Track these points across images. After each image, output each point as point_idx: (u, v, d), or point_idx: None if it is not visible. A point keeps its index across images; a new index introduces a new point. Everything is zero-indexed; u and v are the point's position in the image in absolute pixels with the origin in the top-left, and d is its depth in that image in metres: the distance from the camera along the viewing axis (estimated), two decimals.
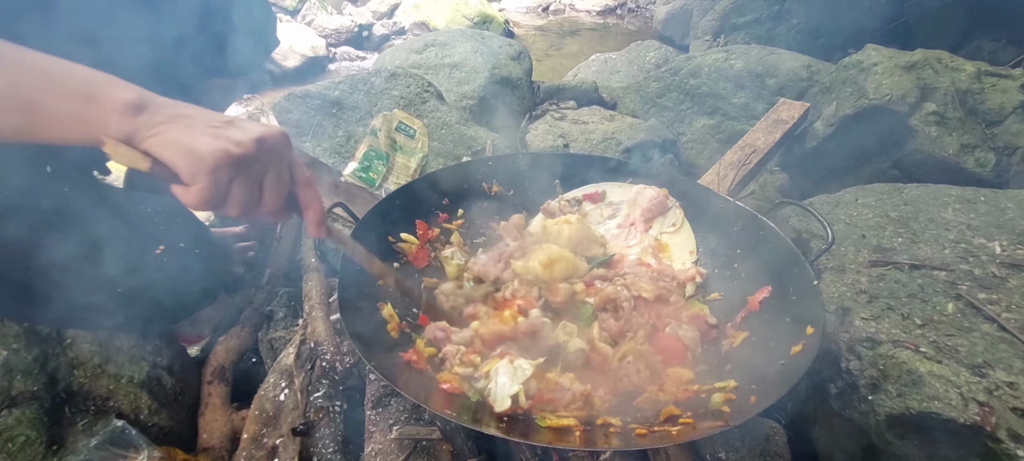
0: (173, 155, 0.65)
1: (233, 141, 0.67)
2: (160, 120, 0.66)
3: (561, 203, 1.46)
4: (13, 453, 1.02)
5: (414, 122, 1.89)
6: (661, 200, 1.41)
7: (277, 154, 0.72)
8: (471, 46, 2.55)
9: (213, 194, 0.67)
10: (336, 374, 1.18)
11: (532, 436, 0.90)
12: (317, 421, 1.12)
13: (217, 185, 0.66)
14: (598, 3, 5.63)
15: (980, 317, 1.15)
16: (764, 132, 2.03)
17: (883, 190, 1.58)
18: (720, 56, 2.61)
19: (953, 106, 1.96)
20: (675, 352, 1.10)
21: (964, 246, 1.33)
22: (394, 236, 1.30)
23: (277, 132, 0.73)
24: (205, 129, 0.67)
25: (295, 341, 1.29)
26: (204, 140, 0.65)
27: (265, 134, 0.70)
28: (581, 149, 2.17)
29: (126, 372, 1.19)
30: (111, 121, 0.65)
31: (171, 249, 1.21)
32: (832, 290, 1.28)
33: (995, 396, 1.00)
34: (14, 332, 1.12)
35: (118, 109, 0.66)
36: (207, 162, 0.65)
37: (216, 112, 0.71)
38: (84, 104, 0.66)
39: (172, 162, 0.66)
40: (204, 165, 0.65)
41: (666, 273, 1.29)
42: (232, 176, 0.68)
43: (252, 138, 0.68)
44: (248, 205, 0.71)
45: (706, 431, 0.89)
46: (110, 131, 0.66)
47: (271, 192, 0.72)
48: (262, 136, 0.70)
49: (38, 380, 1.09)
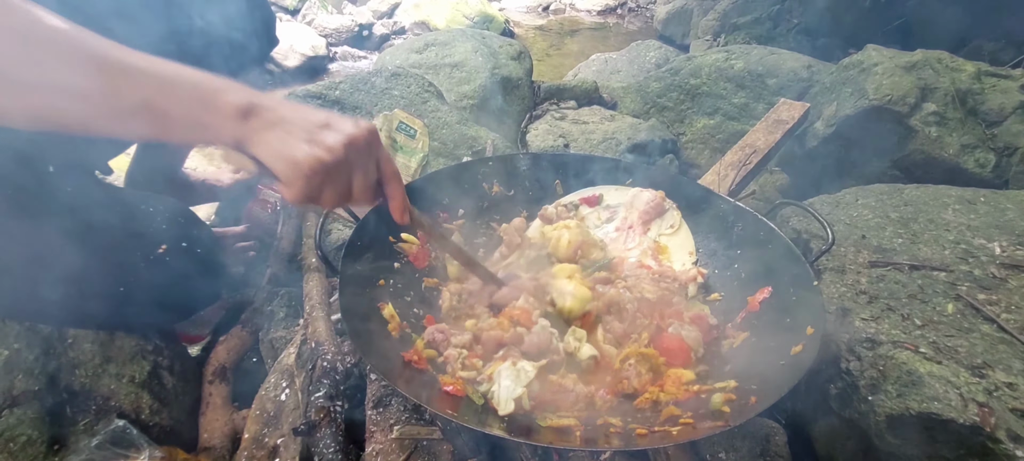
0: (274, 162, 0.73)
1: (326, 147, 0.73)
2: (263, 125, 0.72)
3: (558, 208, 1.46)
4: (14, 453, 1.02)
5: (414, 122, 1.89)
6: (658, 202, 1.42)
7: (366, 152, 0.79)
8: (471, 46, 2.55)
9: (308, 194, 0.75)
10: (337, 374, 1.18)
11: (533, 436, 0.90)
12: (318, 421, 1.12)
13: (310, 187, 0.74)
14: (598, 3, 5.63)
15: (980, 318, 1.15)
16: (764, 132, 2.03)
17: (883, 190, 1.58)
18: (720, 56, 2.61)
19: (953, 106, 1.96)
20: (678, 353, 1.11)
21: (964, 247, 1.33)
22: (395, 236, 1.30)
23: (365, 132, 0.78)
24: (302, 134, 0.73)
25: (296, 341, 1.29)
26: (300, 147, 0.72)
27: (355, 136, 0.76)
28: (581, 149, 2.17)
29: (127, 372, 1.20)
30: (225, 127, 0.72)
31: (172, 249, 1.21)
32: (832, 291, 1.28)
33: (995, 397, 1.00)
34: (15, 331, 1.12)
35: (230, 115, 0.72)
36: (302, 169, 0.72)
37: (315, 112, 0.76)
38: (202, 110, 0.71)
39: (274, 168, 0.73)
40: (299, 171, 0.73)
41: (667, 274, 1.29)
42: (324, 179, 0.75)
43: (343, 143, 0.75)
44: (340, 199, 0.79)
45: (706, 431, 0.89)
46: (224, 137, 0.72)
47: (359, 187, 0.80)
48: (352, 139, 0.76)
49: (39, 380, 1.10)
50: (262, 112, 0.73)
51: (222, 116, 0.72)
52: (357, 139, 0.77)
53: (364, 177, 0.80)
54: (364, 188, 0.81)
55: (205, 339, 1.47)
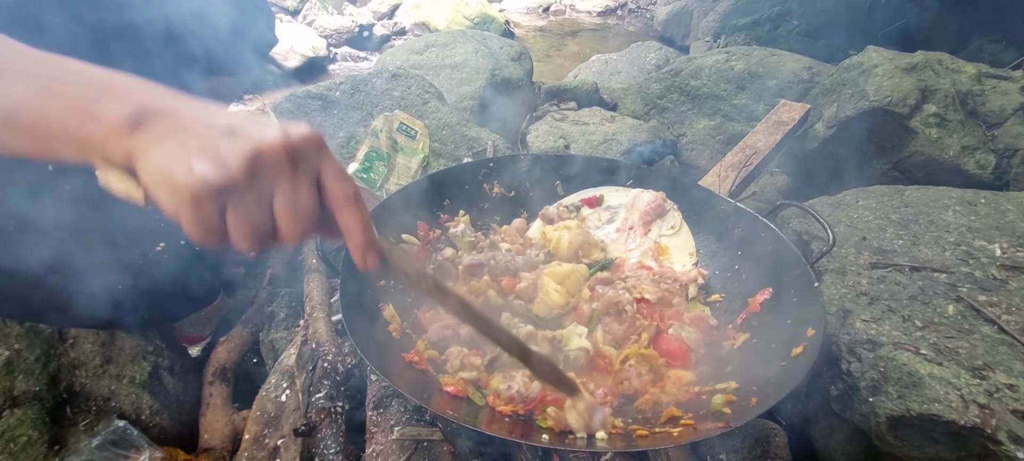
0: (153, 187, 0.52)
1: (219, 162, 0.51)
2: (154, 137, 0.53)
3: (559, 209, 1.46)
4: (15, 453, 1.02)
5: (415, 123, 1.89)
6: (659, 203, 1.42)
7: (290, 169, 0.55)
8: (472, 47, 2.55)
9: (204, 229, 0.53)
10: (338, 375, 1.18)
11: (533, 436, 0.90)
12: (318, 422, 1.12)
13: (201, 220, 0.52)
14: (599, 4, 5.63)
15: (980, 319, 1.15)
16: (765, 134, 2.03)
17: (884, 192, 1.58)
18: (721, 57, 2.61)
19: (954, 108, 1.96)
20: (679, 354, 1.11)
21: (965, 248, 1.33)
22: (395, 237, 1.30)
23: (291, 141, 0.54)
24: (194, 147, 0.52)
25: (296, 342, 1.29)
26: (182, 166, 0.51)
27: (268, 145, 0.53)
28: (582, 150, 2.17)
29: (128, 372, 1.20)
30: (110, 143, 0.53)
31: (171, 247, 1.21)
32: (833, 292, 1.28)
33: (995, 398, 1.00)
34: (16, 332, 1.12)
35: (115, 126, 0.53)
36: (183, 195, 0.51)
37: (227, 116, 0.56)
38: (82, 121, 0.54)
39: (153, 195, 0.53)
40: (179, 198, 0.51)
41: (668, 275, 1.29)
42: (221, 206, 0.52)
43: (243, 156, 0.52)
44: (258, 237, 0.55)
45: (707, 432, 0.89)
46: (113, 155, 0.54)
47: (284, 218, 0.55)
48: (257, 152, 0.52)
49: (40, 380, 1.10)
50: (156, 121, 0.53)
51: (105, 128, 0.53)
52: (272, 150, 0.53)
53: (289, 201, 0.55)
54: (292, 219, 0.55)
55: (205, 340, 1.47)
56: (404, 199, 1.36)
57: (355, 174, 1.77)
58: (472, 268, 1.25)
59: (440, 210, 1.42)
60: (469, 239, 1.35)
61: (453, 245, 1.37)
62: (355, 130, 1.90)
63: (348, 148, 1.86)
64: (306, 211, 0.56)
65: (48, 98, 0.55)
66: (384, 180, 1.79)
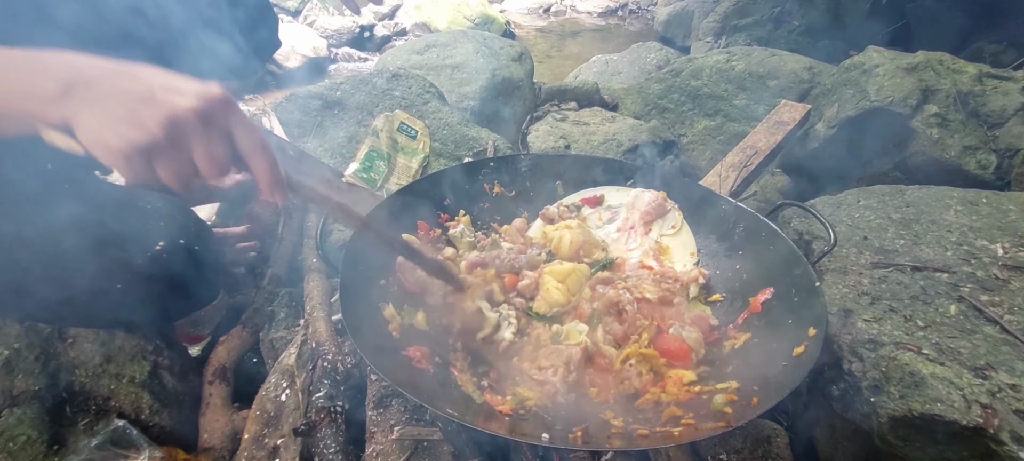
0: (89, 146, 0.65)
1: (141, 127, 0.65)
2: (85, 102, 0.65)
3: (560, 208, 1.46)
4: (14, 453, 1.02)
5: (415, 123, 1.89)
6: (660, 203, 1.41)
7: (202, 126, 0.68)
8: (472, 47, 2.55)
9: (136, 179, 0.67)
10: (337, 374, 1.18)
11: (532, 436, 0.90)
12: (318, 422, 1.12)
13: (135, 171, 0.66)
14: (599, 4, 5.64)
15: (982, 319, 1.15)
16: (765, 134, 2.02)
17: (885, 192, 1.58)
18: (721, 58, 2.61)
19: (955, 108, 1.96)
20: (679, 354, 1.10)
21: (966, 248, 1.32)
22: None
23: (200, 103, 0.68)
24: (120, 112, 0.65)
25: (296, 341, 1.29)
26: (114, 129, 0.64)
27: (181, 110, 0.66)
28: (582, 150, 2.17)
29: (127, 372, 1.19)
30: (48, 110, 0.65)
31: (171, 247, 1.21)
32: (834, 292, 1.28)
33: (998, 398, 0.99)
34: (15, 331, 1.12)
35: (51, 94, 0.65)
36: (115, 155, 0.65)
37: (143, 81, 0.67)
38: (22, 96, 0.65)
39: (94, 154, 0.66)
40: (112, 157, 0.65)
41: (669, 275, 1.29)
42: (149, 159, 0.66)
43: (160, 120, 0.65)
44: (185, 177, 0.70)
45: (708, 432, 0.89)
46: (51, 121, 0.65)
47: (204, 163, 0.70)
48: (174, 116, 0.66)
49: (39, 379, 1.09)
50: (86, 87, 0.65)
51: (41, 98, 0.65)
52: (185, 113, 0.67)
53: (206, 151, 0.69)
54: (210, 164, 0.70)
55: (205, 339, 1.46)
56: (404, 199, 1.36)
57: (356, 174, 1.77)
58: (474, 267, 1.25)
59: (440, 210, 1.42)
60: (469, 239, 1.35)
61: (454, 245, 1.37)
62: (356, 130, 1.90)
63: (349, 148, 1.86)
64: (219, 159, 0.71)
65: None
66: (385, 180, 1.79)
